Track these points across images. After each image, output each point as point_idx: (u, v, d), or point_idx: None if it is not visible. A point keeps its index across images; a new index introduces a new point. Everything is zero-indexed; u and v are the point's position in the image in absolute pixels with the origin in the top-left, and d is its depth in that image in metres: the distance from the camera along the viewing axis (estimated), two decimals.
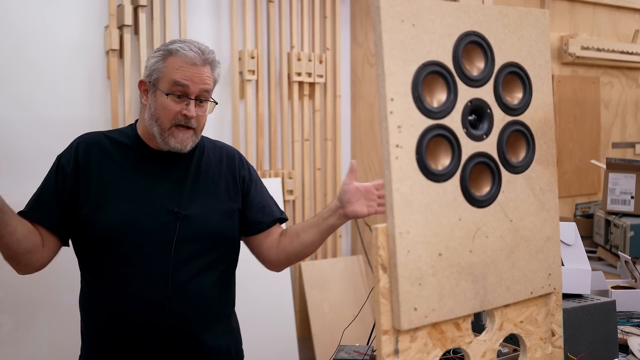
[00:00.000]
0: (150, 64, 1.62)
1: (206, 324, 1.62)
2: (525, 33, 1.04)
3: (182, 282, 1.57)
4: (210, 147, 1.74)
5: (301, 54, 2.99)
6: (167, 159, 1.64)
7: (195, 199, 1.62)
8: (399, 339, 0.89)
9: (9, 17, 2.36)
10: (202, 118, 1.62)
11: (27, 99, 2.40)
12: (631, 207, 2.75)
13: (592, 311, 1.39)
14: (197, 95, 1.59)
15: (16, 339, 2.28)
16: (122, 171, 1.60)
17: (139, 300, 1.54)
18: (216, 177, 1.69)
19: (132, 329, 1.55)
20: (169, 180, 1.62)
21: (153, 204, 1.58)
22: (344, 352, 1.46)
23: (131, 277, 1.54)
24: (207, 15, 2.82)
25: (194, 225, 1.59)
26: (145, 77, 1.64)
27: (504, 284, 1.00)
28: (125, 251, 1.55)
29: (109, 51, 2.51)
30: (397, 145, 0.89)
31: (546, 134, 1.06)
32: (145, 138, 1.64)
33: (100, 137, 1.65)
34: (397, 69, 0.89)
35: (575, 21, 3.98)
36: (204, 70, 1.59)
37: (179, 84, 1.56)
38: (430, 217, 0.92)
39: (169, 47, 1.61)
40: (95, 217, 1.55)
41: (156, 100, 1.59)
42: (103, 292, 1.57)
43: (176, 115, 1.57)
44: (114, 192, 1.58)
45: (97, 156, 1.61)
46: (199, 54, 1.58)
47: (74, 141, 1.65)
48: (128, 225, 1.55)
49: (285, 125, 3.00)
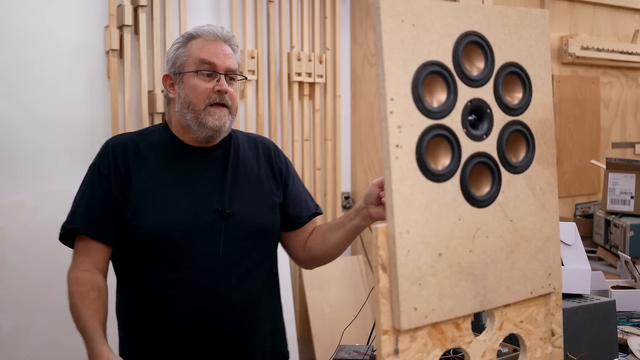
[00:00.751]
0: (172, 53, 1.58)
1: (255, 326, 1.56)
2: (525, 33, 1.04)
3: (233, 284, 1.51)
4: (244, 139, 1.67)
5: (301, 54, 2.99)
6: (203, 153, 1.57)
7: (237, 194, 1.56)
8: (398, 339, 0.89)
9: (9, 17, 2.36)
10: (234, 96, 1.56)
11: (27, 99, 2.40)
12: (631, 207, 2.75)
13: (592, 311, 1.39)
14: (226, 70, 1.54)
15: (16, 339, 2.28)
16: (160, 172, 1.54)
17: (188, 307, 1.48)
18: (255, 170, 1.62)
19: (181, 337, 1.49)
20: (208, 176, 1.56)
21: (196, 204, 1.52)
22: (344, 352, 1.46)
23: (180, 282, 1.48)
24: (207, 15, 2.82)
25: (240, 224, 1.53)
26: (168, 69, 1.59)
27: (504, 283, 1.00)
28: (172, 256, 1.49)
29: (109, 51, 2.51)
30: (397, 145, 0.89)
31: (546, 134, 1.06)
32: (179, 133, 1.58)
33: (132, 138, 1.59)
34: (397, 69, 0.89)
35: (575, 21, 3.97)
36: (226, 47, 1.56)
37: (206, 61, 1.52)
38: (430, 217, 0.92)
39: (187, 33, 1.58)
40: (137, 222, 1.49)
41: (185, 86, 1.54)
42: (151, 300, 1.50)
43: (209, 93, 1.52)
44: (155, 195, 1.51)
45: (133, 158, 1.54)
46: (219, 31, 1.56)
47: (105, 145, 1.58)
48: (173, 228, 1.48)
49: (285, 125, 3.00)
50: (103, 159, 1.55)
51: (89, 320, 1.43)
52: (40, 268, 2.34)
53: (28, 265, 2.31)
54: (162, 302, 1.50)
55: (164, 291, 1.50)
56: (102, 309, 1.47)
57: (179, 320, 1.49)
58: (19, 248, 2.30)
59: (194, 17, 2.76)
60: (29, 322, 2.32)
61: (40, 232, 2.34)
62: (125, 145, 1.56)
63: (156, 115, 2.60)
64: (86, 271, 1.49)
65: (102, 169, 1.54)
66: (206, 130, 1.53)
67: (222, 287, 1.50)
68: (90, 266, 1.50)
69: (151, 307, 1.52)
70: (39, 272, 2.33)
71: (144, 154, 1.56)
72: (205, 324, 1.49)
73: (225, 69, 1.54)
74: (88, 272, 1.49)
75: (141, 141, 1.58)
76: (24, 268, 2.30)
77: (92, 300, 1.46)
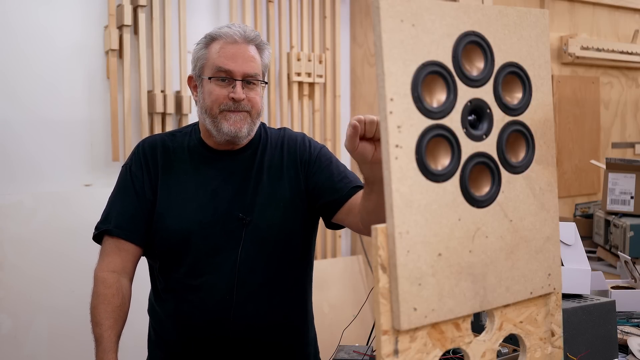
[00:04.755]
0: (194, 54, 1.53)
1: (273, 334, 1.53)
2: (525, 33, 1.04)
3: (248, 293, 1.48)
4: (274, 138, 1.60)
5: (301, 54, 2.99)
6: (230, 157, 1.54)
7: (259, 200, 1.51)
8: (398, 339, 0.89)
9: (8, 18, 2.36)
10: (255, 100, 1.49)
11: (27, 99, 2.40)
12: (631, 207, 2.75)
13: (592, 311, 1.39)
14: (243, 76, 1.47)
15: (16, 339, 2.28)
16: (184, 176, 1.52)
17: (204, 314, 1.48)
18: (278, 170, 1.56)
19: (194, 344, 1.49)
20: (231, 181, 1.52)
21: (217, 210, 1.49)
22: (343, 352, 1.46)
23: (197, 289, 1.48)
24: (207, 15, 2.82)
25: (259, 231, 1.49)
26: (191, 70, 1.55)
27: (504, 284, 1.00)
28: (191, 261, 1.48)
29: (109, 51, 2.51)
30: (397, 145, 0.89)
31: (546, 134, 1.06)
32: (205, 137, 1.55)
33: (163, 139, 1.57)
34: (396, 69, 0.89)
35: (575, 21, 3.97)
36: (248, 48, 1.48)
37: (222, 69, 1.46)
38: (430, 217, 0.92)
39: (210, 33, 1.52)
40: (160, 224, 1.49)
41: (203, 90, 1.50)
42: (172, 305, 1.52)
43: (223, 99, 1.47)
44: (177, 199, 1.50)
45: (162, 160, 1.53)
46: (240, 33, 1.48)
47: (137, 146, 1.58)
48: (193, 233, 1.47)
49: (285, 125, 3.00)
50: (135, 159, 1.55)
51: (108, 330, 1.43)
52: (40, 268, 2.34)
53: (28, 265, 2.31)
54: (180, 307, 1.51)
55: (183, 297, 1.50)
56: (122, 318, 1.47)
57: (195, 326, 1.50)
58: (18, 248, 2.30)
59: (194, 17, 2.76)
60: (28, 322, 2.32)
61: (40, 232, 2.34)
62: (155, 147, 1.55)
63: (155, 115, 2.60)
64: (114, 272, 1.49)
65: (134, 170, 1.53)
66: (223, 135, 1.49)
67: (236, 296, 1.48)
68: (119, 267, 1.49)
69: (173, 313, 1.53)
70: (39, 272, 2.33)
71: (172, 156, 1.55)
72: (218, 332, 1.49)
73: (242, 75, 1.47)
74: (116, 274, 1.49)
75: (171, 143, 1.57)
76: (23, 268, 2.30)
77: (115, 307, 1.46)
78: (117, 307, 1.46)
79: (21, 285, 2.29)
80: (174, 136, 1.59)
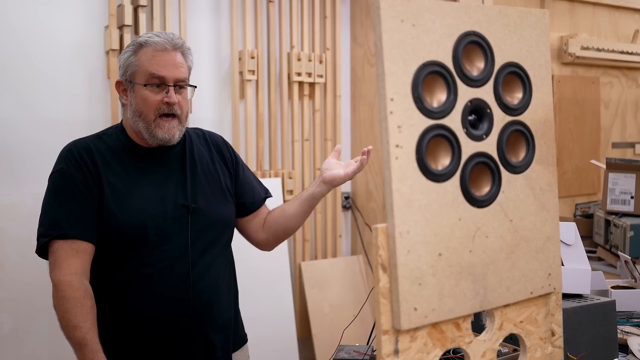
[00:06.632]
0: (123, 61, 1.61)
1: (224, 309, 1.66)
2: (525, 33, 1.04)
3: (201, 273, 1.60)
4: (194, 136, 1.75)
5: (301, 54, 2.99)
6: (161, 154, 1.64)
7: (198, 189, 1.64)
8: (399, 339, 0.89)
9: (9, 18, 2.36)
10: (184, 104, 1.62)
11: (28, 99, 2.40)
12: (631, 207, 2.75)
13: (592, 311, 1.39)
14: (175, 81, 1.59)
15: (16, 339, 2.28)
16: (124, 173, 1.59)
17: (164, 298, 1.55)
18: (210, 164, 1.72)
19: (158, 328, 1.56)
20: (170, 174, 1.63)
21: (164, 200, 1.59)
22: (344, 352, 1.46)
23: (152, 276, 1.55)
24: (207, 15, 2.82)
25: (204, 216, 1.62)
26: (120, 76, 1.63)
27: (504, 283, 1.00)
28: (145, 252, 1.55)
29: (109, 51, 2.51)
30: (397, 145, 0.89)
31: (546, 134, 1.06)
32: (134, 137, 1.64)
33: (93, 142, 1.62)
34: (397, 69, 0.89)
35: (575, 21, 3.97)
36: (176, 55, 1.59)
37: (155, 75, 1.56)
38: (430, 217, 0.92)
39: (138, 40, 1.60)
40: (112, 222, 1.54)
41: (136, 95, 1.59)
42: (125, 296, 1.56)
43: (158, 105, 1.57)
44: (124, 195, 1.56)
45: (99, 161, 1.58)
46: (167, 40, 1.58)
47: (67, 151, 1.59)
48: (146, 225, 1.55)
49: (285, 125, 3.00)
50: (70, 163, 1.56)
51: (89, 332, 1.46)
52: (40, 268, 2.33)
53: (28, 265, 2.31)
54: (135, 296, 1.55)
55: (138, 286, 1.55)
56: (95, 319, 1.50)
57: (154, 312, 1.55)
58: (19, 248, 2.30)
59: (194, 17, 2.77)
60: (28, 322, 2.32)
61: None
62: (89, 149, 1.59)
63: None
64: (76, 274, 1.51)
65: (72, 172, 1.55)
66: (157, 140, 1.59)
67: (192, 276, 1.58)
68: (79, 269, 1.51)
69: (124, 303, 1.56)
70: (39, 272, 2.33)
71: (107, 156, 1.60)
72: (179, 312, 1.56)
73: (174, 80, 1.58)
74: (78, 276, 1.51)
75: (100, 145, 1.62)
76: (23, 268, 2.30)
77: (89, 309, 1.48)
78: (90, 309, 1.49)
79: (22, 285, 2.29)
80: (100, 138, 1.65)
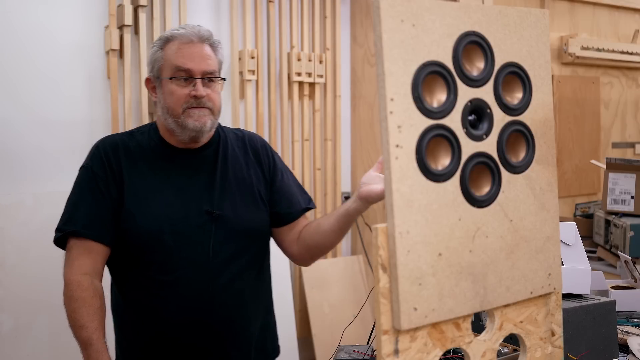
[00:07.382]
0: (150, 56, 1.58)
1: (246, 323, 1.59)
2: (525, 33, 1.04)
3: (224, 284, 1.52)
4: (232, 137, 1.67)
5: (301, 54, 2.99)
6: (192, 155, 1.58)
7: (226, 195, 1.57)
8: (398, 339, 0.89)
9: (9, 17, 2.36)
10: (214, 97, 1.55)
11: (28, 99, 2.40)
12: (631, 207, 2.75)
13: (592, 311, 1.39)
14: (202, 74, 1.52)
15: (16, 339, 2.28)
16: (150, 174, 1.54)
17: (181, 308, 1.49)
18: (244, 169, 1.63)
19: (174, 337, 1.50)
20: (197, 178, 1.56)
21: (186, 206, 1.52)
22: (344, 352, 1.46)
23: (171, 284, 1.50)
24: (207, 15, 2.82)
25: (229, 224, 1.54)
26: (149, 72, 1.59)
27: (504, 283, 1.00)
28: (163, 258, 1.50)
29: (109, 51, 2.51)
30: (397, 145, 0.89)
31: (546, 134, 1.06)
32: (166, 136, 1.58)
33: (123, 139, 1.58)
34: (397, 69, 0.89)
35: (575, 21, 3.98)
36: (204, 48, 1.54)
37: (181, 68, 1.51)
38: (430, 217, 0.92)
39: (165, 35, 1.56)
40: (128, 224, 1.50)
41: (163, 90, 1.54)
42: (143, 302, 1.52)
43: (185, 98, 1.51)
44: (145, 197, 1.51)
45: (125, 159, 1.54)
46: (194, 33, 1.53)
47: (96, 147, 1.57)
48: (164, 231, 1.49)
49: (285, 125, 3.00)
50: (95, 160, 1.55)
51: (96, 332, 1.44)
52: (40, 268, 2.34)
53: (28, 265, 2.31)
54: (154, 304, 1.51)
55: (156, 293, 1.51)
56: (104, 320, 1.48)
57: (171, 321, 1.51)
58: (18, 248, 2.30)
59: (194, 17, 2.76)
60: (29, 322, 2.32)
61: (40, 232, 2.34)
62: (116, 147, 1.56)
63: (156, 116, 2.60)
64: (86, 274, 1.49)
65: (96, 170, 1.53)
66: (188, 131, 1.53)
67: (212, 287, 1.51)
68: (90, 269, 1.49)
69: (144, 309, 1.53)
70: (39, 272, 2.33)
71: (134, 155, 1.55)
72: (197, 324, 1.51)
73: (201, 73, 1.52)
74: (88, 276, 1.49)
75: (131, 142, 1.58)
76: (23, 268, 2.30)
77: (96, 309, 1.46)
78: (98, 309, 1.47)
79: (22, 285, 2.29)
80: (132, 136, 1.60)
